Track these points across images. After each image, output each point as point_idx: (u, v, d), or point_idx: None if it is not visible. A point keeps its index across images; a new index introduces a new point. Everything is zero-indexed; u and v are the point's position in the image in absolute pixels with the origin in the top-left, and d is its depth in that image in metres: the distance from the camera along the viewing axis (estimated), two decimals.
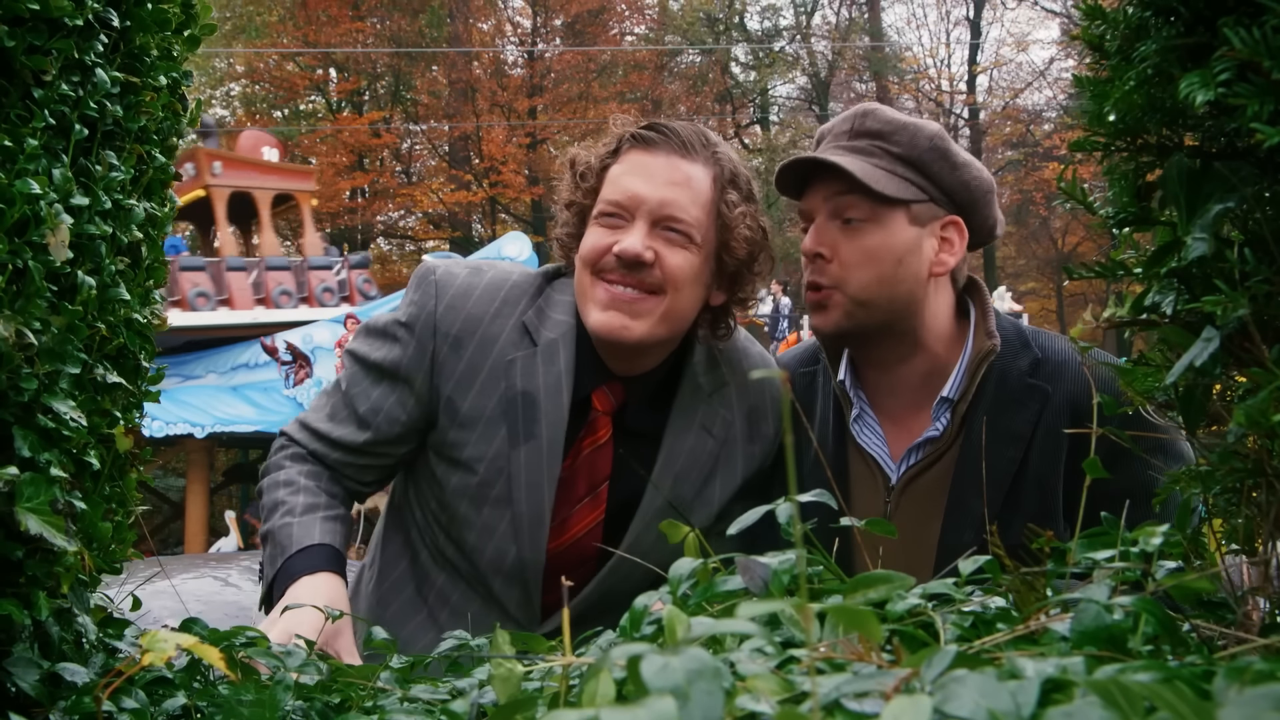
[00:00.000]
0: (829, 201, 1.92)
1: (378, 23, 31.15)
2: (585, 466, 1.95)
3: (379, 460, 2.01)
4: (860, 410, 2.01)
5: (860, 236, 1.90)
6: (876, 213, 1.89)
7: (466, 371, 1.92)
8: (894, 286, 1.90)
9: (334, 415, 2.02)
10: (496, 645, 0.90)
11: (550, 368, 1.93)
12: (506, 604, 1.97)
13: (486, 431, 1.91)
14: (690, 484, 1.98)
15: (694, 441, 1.98)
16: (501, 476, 1.91)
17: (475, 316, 1.95)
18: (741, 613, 0.55)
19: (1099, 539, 0.90)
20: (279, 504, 1.94)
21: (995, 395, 1.91)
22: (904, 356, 1.96)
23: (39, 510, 0.93)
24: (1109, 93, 0.90)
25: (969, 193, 1.94)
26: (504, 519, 1.92)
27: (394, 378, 1.96)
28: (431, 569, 2.03)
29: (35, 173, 1.00)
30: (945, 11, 35.79)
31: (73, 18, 1.08)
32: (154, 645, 0.85)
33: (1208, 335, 0.81)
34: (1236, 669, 0.52)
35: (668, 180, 1.87)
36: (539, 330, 1.95)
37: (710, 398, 2.01)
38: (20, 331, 0.96)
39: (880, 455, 1.99)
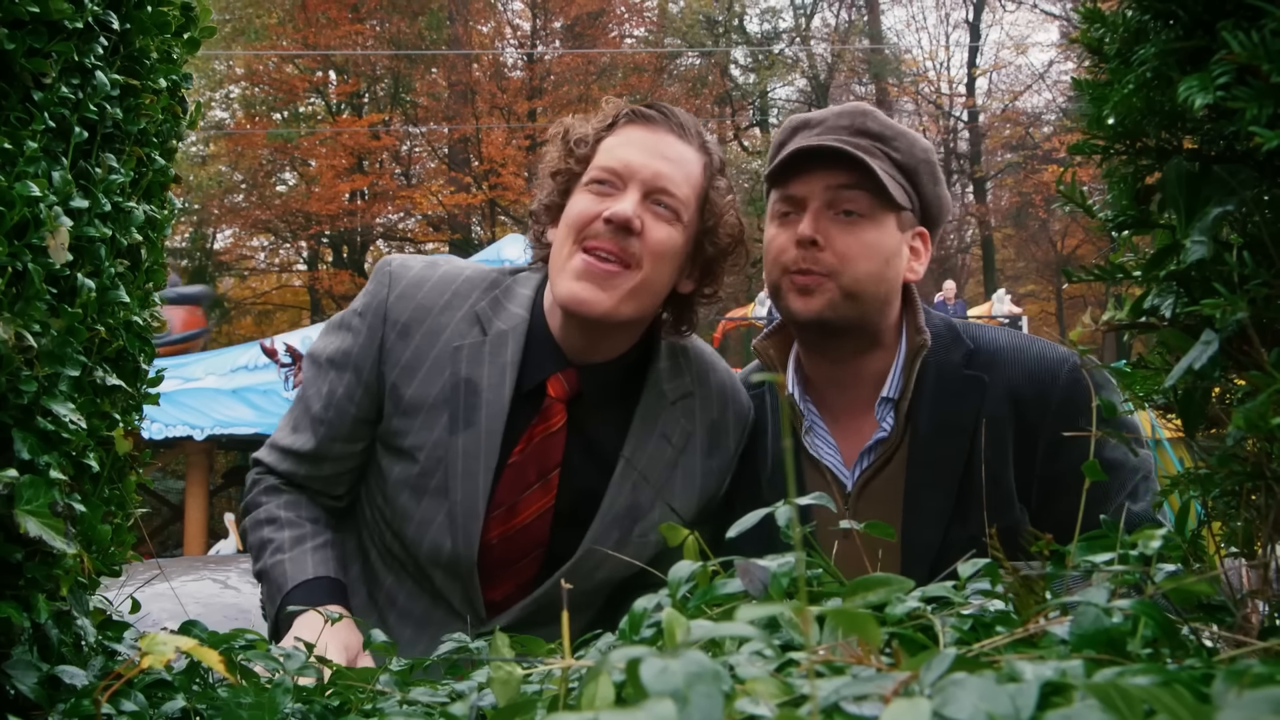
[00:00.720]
0: (829, 191, 1.92)
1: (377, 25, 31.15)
2: (536, 453, 1.93)
3: (341, 465, 2.01)
4: (811, 422, 2.03)
5: (858, 230, 1.91)
6: (874, 210, 1.91)
7: (412, 359, 1.93)
8: (880, 284, 1.93)
9: (296, 426, 2.03)
10: (496, 648, 0.90)
11: (496, 358, 1.93)
12: (451, 599, 1.96)
13: (429, 419, 1.92)
14: (647, 494, 1.97)
15: (654, 448, 1.98)
16: (440, 466, 1.91)
17: (425, 306, 1.96)
18: (741, 616, 0.55)
19: (1098, 541, 0.90)
20: (266, 542, 1.95)
21: (934, 390, 1.94)
22: (860, 352, 1.99)
23: (38, 513, 0.93)
24: (1108, 96, 0.91)
25: (939, 211, 2.00)
26: (440, 511, 1.91)
27: (344, 367, 1.97)
28: (380, 569, 2.03)
29: (35, 175, 1.00)
30: (945, 14, 35.80)
31: (73, 20, 1.08)
32: (153, 648, 0.85)
33: (1207, 338, 0.81)
34: (1235, 672, 0.52)
35: (663, 155, 1.89)
36: (491, 321, 1.96)
37: (673, 406, 2.00)
38: (20, 334, 0.96)
39: (834, 464, 2.00)
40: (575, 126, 1.97)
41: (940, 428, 1.91)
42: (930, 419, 1.92)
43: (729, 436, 2.06)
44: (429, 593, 1.99)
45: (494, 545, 1.93)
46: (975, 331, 2.01)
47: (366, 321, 1.97)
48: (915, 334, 1.96)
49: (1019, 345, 1.96)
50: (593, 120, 1.97)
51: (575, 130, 1.96)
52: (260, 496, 2.02)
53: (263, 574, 1.94)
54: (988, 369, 1.93)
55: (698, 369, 2.05)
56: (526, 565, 1.96)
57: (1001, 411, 1.89)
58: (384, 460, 1.97)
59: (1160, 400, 0.95)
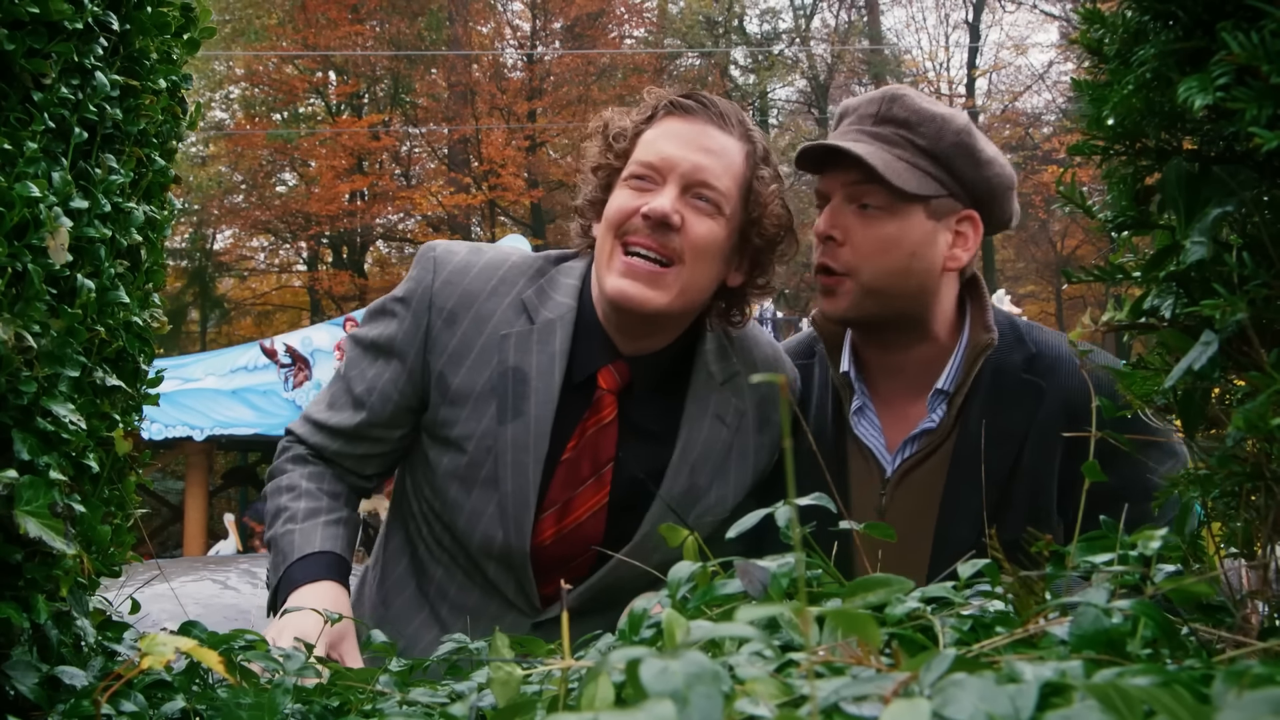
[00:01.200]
0: (846, 187, 1.90)
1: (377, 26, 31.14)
2: (589, 447, 1.92)
3: (376, 447, 2.00)
4: (862, 403, 1.99)
5: (876, 224, 1.88)
6: (893, 203, 1.87)
7: (459, 347, 1.91)
8: (906, 278, 1.89)
9: (333, 403, 2.01)
10: (495, 648, 0.90)
11: (545, 347, 1.91)
12: (505, 590, 1.95)
13: (477, 408, 1.90)
14: (705, 474, 1.96)
15: (709, 431, 1.96)
16: (490, 456, 1.89)
17: (472, 292, 1.94)
18: (740, 616, 0.55)
19: (1098, 542, 0.90)
20: (281, 510, 1.93)
21: (990, 390, 1.90)
22: (910, 344, 1.96)
23: (38, 513, 0.93)
24: (1108, 97, 0.91)
25: (989, 189, 1.92)
26: (491, 502, 1.90)
27: (389, 354, 1.95)
28: (429, 563, 2.02)
29: (35, 176, 1.00)
30: (944, 15, 35.79)
31: (72, 21, 1.08)
32: (153, 649, 0.85)
33: (1206, 339, 0.81)
34: (1235, 673, 0.52)
35: (702, 147, 1.86)
36: (538, 310, 1.94)
37: (723, 386, 1.99)
38: (20, 334, 0.96)
39: (877, 447, 1.98)
40: (615, 120, 1.95)
41: (991, 428, 1.87)
42: (982, 418, 1.88)
43: (777, 409, 2.03)
44: (480, 585, 1.97)
45: (548, 545, 1.92)
46: (1038, 335, 1.97)
47: (411, 308, 1.95)
48: (982, 331, 1.92)
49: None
50: (632, 113, 1.95)
51: (615, 124, 1.94)
52: (286, 464, 2.01)
53: (272, 541, 1.93)
54: (1046, 375, 1.90)
55: (740, 347, 2.04)
56: (581, 562, 1.95)
57: (1055, 420, 1.86)
58: (431, 452, 1.95)
59: (1160, 401, 0.95)
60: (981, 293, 1.99)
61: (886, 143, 1.89)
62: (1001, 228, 1.99)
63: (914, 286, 1.90)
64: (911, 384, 1.98)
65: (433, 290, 1.94)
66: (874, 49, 34.72)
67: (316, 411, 2.03)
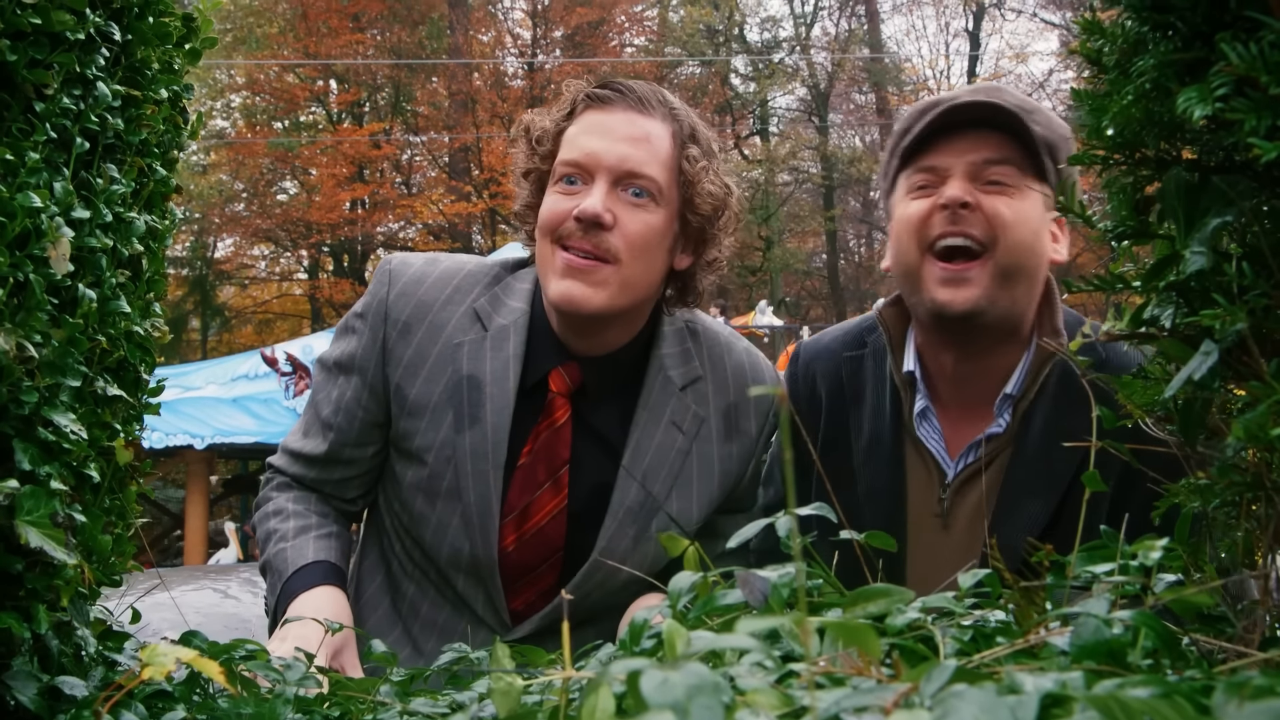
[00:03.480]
0: (973, 166, 1.79)
1: (378, 34, 31.19)
2: (544, 451, 1.90)
3: (351, 469, 1.99)
4: (925, 404, 1.92)
5: (1010, 199, 1.77)
6: (1023, 185, 1.78)
7: (414, 358, 1.90)
8: (1034, 258, 1.80)
9: (306, 430, 2.01)
10: (496, 659, 0.90)
11: (499, 353, 1.89)
12: (474, 605, 1.94)
13: (434, 419, 1.89)
14: (661, 484, 1.91)
15: (662, 437, 1.92)
16: (450, 466, 1.88)
17: (426, 303, 1.93)
18: (742, 628, 0.55)
19: (1098, 552, 0.90)
20: (271, 533, 1.94)
21: (1055, 394, 1.82)
22: (996, 346, 1.86)
23: (39, 523, 0.93)
24: (1107, 107, 0.91)
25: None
26: (455, 513, 1.89)
27: (349, 370, 1.96)
28: (402, 579, 2.02)
29: (36, 186, 1.00)
30: (945, 23, 35.86)
31: (74, 32, 1.08)
32: (154, 659, 0.85)
33: (1206, 349, 0.81)
34: (1236, 684, 0.52)
35: (626, 137, 1.81)
36: (491, 317, 1.92)
37: (682, 391, 1.94)
38: (21, 344, 0.96)
39: (938, 451, 1.91)
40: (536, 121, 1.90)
41: (1054, 434, 1.79)
42: (1044, 423, 1.82)
43: (749, 419, 1.99)
44: (451, 601, 1.97)
45: (510, 551, 1.90)
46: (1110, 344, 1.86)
47: (368, 322, 1.95)
48: (1053, 334, 1.83)
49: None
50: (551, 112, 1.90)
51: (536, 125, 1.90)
52: (270, 492, 2.02)
53: (266, 565, 1.93)
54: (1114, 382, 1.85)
55: (710, 352, 1.99)
56: (546, 571, 1.93)
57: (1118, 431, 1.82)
58: (397, 466, 1.96)
59: (1160, 410, 0.95)
60: (1052, 294, 1.90)
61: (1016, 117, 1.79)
62: None
63: (1036, 271, 1.81)
64: (980, 388, 1.89)
65: (388, 303, 1.93)
66: (874, 57, 34.78)
67: (292, 441, 2.03)
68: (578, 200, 1.79)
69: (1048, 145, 1.78)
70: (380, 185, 30.33)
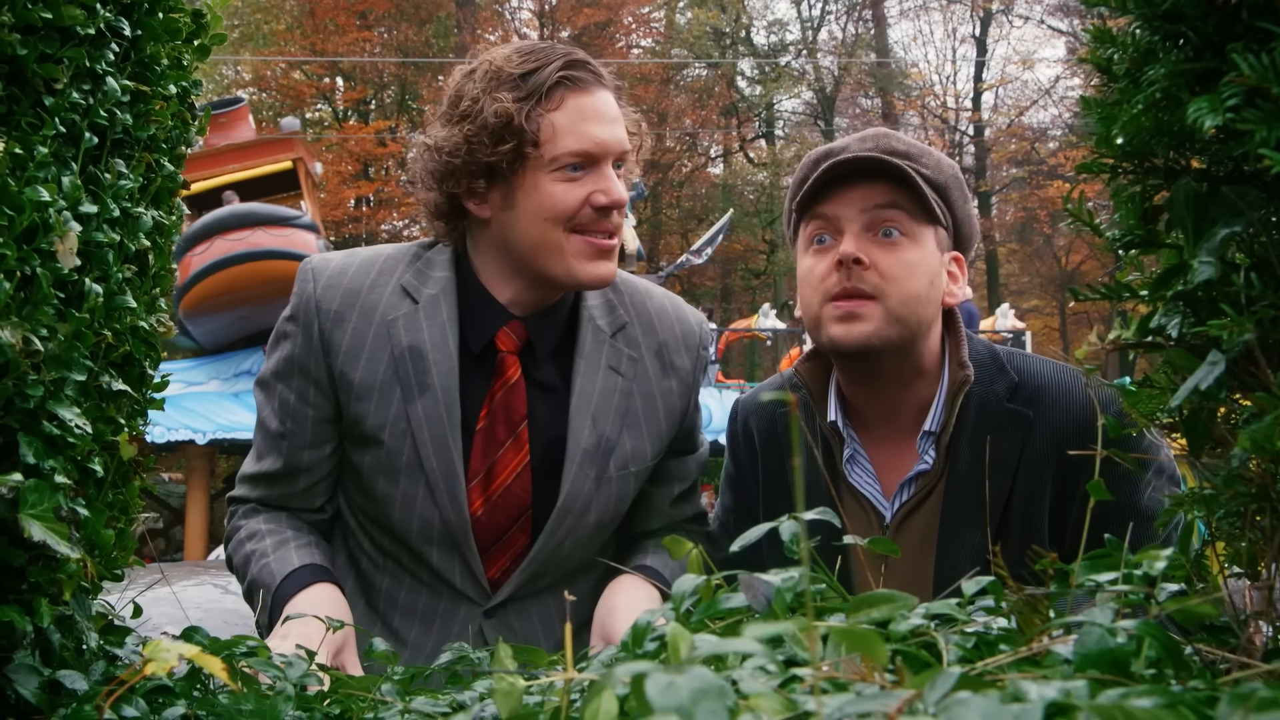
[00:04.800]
0: (867, 213, 1.86)
1: (385, 32, 31.24)
2: (501, 410, 1.92)
3: (313, 475, 1.98)
4: (853, 450, 1.97)
5: (901, 250, 1.85)
6: (913, 229, 1.85)
7: (353, 342, 1.91)
8: (924, 306, 1.86)
9: (259, 453, 2.00)
10: (498, 659, 0.90)
11: (434, 321, 1.91)
12: (451, 579, 1.94)
13: (383, 397, 1.89)
14: (611, 424, 1.96)
15: (603, 382, 1.97)
16: (406, 439, 1.88)
17: (353, 289, 1.93)
18: (748, 633, 0.55)
19: (1102, 561, 0.90)
20: (250, 555, 1.92)
21: (976, 424, 1.87)
22: (905, 383, 1.93)
23: (42, 517, 0.93)
24: (1117, 115, 0.91)
25: (970, 230, 1.94)
26: (419, 484, 1.89)
27: (290, 374, 1.94)
28: (374, 574, 2.01)
29: (45, 180, 1.01)
30: (951, 29, 35.87)
31: (84, 26, 1.08)
32: (156, 654, 0.85)
33: (1213, 359, 0.81)
34: (1240, 695, 0.52)
35: (612, 119, 1.87)
36: (419, 289, 1.94)
37: (613, 338, 2.00)
38: (27, 338, 0.96)
39: (873, 494, 1.95)
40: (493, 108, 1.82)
41: (980, 463, 1.84)
42: (970, 454, 1.86)
43: (681, 355, 2.06)
44: (427, 583, 1.96)
45: (480, 516, 1.91)
46: (1020, 363, 1.94)
47: (300, 322, 1.94)
48: (958, 368, 1.89)
49: (1064, 382, 1.88)
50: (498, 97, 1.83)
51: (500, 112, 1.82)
52: (239, 521, 2.00)
53: (251, 585, 1.90)
54: (1031, 405, 1.87)
55: (631, 300, 2.06)
56: (517, 533, 1.94)
57: (1044, 450, 1.84)
58: (355, 456, 1.94)
59: (1166, 420, 0.95)
60: (958, 328, 1.96)
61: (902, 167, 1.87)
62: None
63: (927, 316, 1.88)
64: (903, 427, 1.95)
65: (316, 297, 1.93)
66: (881, 62, 34.81)
67: (248, 468, 2.02)
68: (587, 189, 1.83)
69: (936, 187, 1.88)
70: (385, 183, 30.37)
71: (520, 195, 1.85)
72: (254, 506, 2.01)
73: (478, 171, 1.85)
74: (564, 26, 33.11)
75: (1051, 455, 1.84)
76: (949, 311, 1.98)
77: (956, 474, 1.87)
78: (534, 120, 1.81)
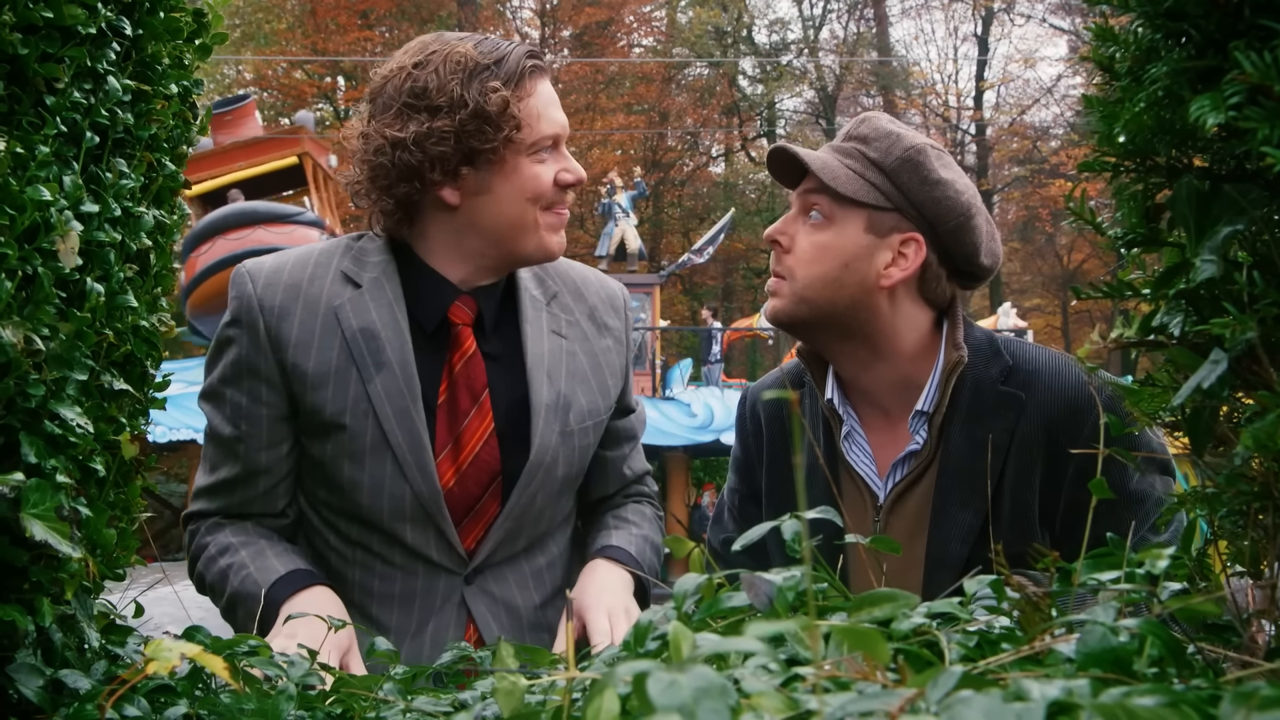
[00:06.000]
0: (800, 197, 1.97)
1: (386, 32, 31.23)
2: (462, 380, 1.95)
3: (272, 477, 1.95)
4: (850, 428, 2.00)
5: (816, 232, 1.93)
6: (835, 211, 1.91)
7: (301, 334, 1.90)
8: (837, 289, 1.91)
9: (212, 465, 1.97)
10: (500, 658, 0.90)
11: (379, 301, 1.94)
12: (427, 553, 1.93)
13: (339, 381, 1.89)
14: (564, 381, 2.03)
15: (549, 344, 2.04)
16: (368, 418, 1.88)
17: (294, 284, 1.94)
18: (751, 632, 0.55)
19: (1104, 560, 0.90)
20: (224, 571, 1.88)
21: (970, 405, 1.90)
22: (866, 363, 1.97)
23: (44, 516, 0.93)
24: (1119, 114, 0.91)
25: (936, 210, 1.91)
26: (386, 462, 1.88)
27: (239, 378, 1.92)
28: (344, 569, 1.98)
29: (46, 179, 1.01)
30: (953, 27, 35.86)
31: (86, 26, 1.08)
32: (158, 654, 0.85)
33: (1216, 357, 0.81)
34: (1243, 693, 0.51)
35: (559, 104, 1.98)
36: (359, 274, 1.96)
37: (548, 306, 2.09)
38: (29, 338, 0.96)
39: (868, 473, 1.98)
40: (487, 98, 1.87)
41: (972, 444, 1.87)
42: (962, 434, 1.89)
43: (610, 316, 2.17)
44: (401, 565, 1.95)
45: (453, 488, 1.92)
46: (1015, 348, 1.97)
47: (243, 324, 1.92)
48: (953, 349, 1.92)
49: (1057, 366, 1.91)
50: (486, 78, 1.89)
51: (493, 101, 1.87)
52: (203, 539, 1.95)
53: (234, 599, 1.86)
54: (1024, 387, 1.89)
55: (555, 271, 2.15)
56: (488, 501, 1.95)
57: (1034, 432, 1.86)
58: (315, 448, 1.92)
59: (1168, 418, 0.95)
60: (956, 314, 1.99)
61: (842, 155, 1.95)
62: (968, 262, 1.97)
63: (846, 298, 1.92)
64: (892, 408, 1.98)
65: (256, 296, 1.92)
66: (882, 60, 34.81)
67: (202, 481, 1.98)
68: (555, 168, 1.94)
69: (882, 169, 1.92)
70: None
71: (499, 179, 1.91)
72: (217, 521, 1.96)
73: (460, 159, 1.88)
74: (565, 25, 33.12)
75: (1041, 437, 1.86)
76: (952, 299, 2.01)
77: (949, 455, 1.90)
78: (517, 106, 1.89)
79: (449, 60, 1.89)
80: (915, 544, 1.91)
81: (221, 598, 1.89)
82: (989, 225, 2.00)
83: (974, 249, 1.95)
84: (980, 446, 1.86)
